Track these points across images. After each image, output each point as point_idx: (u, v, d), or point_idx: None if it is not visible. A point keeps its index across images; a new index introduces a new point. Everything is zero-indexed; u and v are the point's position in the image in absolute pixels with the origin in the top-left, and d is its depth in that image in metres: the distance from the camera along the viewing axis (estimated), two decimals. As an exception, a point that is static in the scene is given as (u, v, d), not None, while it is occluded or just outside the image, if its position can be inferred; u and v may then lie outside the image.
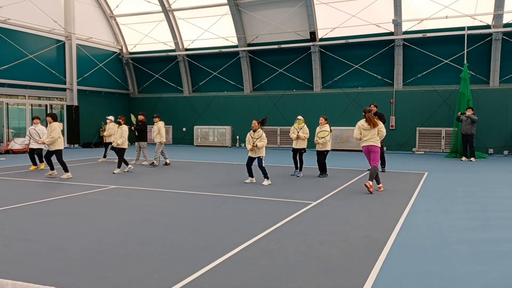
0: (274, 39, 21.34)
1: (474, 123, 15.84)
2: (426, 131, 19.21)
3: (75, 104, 21.99)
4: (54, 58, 21.46)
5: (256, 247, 5.26)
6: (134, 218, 6.83)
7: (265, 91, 22.33)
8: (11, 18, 18.97)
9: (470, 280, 4.26)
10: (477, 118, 15.97)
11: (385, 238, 5.67)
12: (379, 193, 9.12)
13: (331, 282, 4.18)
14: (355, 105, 20.17)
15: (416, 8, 18.96)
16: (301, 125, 11.79)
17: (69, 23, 21.76)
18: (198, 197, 8.67)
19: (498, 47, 17.91)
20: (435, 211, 7.44)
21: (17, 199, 8.28)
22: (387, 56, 19.81)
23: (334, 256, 4.95)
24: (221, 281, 4.18)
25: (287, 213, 7.10)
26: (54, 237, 5.74)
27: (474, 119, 15.77)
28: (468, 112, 16.13)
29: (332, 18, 20.00)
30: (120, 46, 25.01)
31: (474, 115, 15.99)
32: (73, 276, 4.30)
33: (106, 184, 10.26)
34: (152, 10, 23.15)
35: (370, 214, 7.11)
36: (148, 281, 4.17)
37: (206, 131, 23.35)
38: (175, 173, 12.50)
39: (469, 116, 15.89)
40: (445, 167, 13.98)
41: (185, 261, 4.74)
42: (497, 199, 8.50)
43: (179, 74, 24.21)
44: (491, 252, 5.15)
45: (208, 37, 22.79)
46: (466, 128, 15.98)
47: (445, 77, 18.99)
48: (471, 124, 15.90)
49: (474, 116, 15.93)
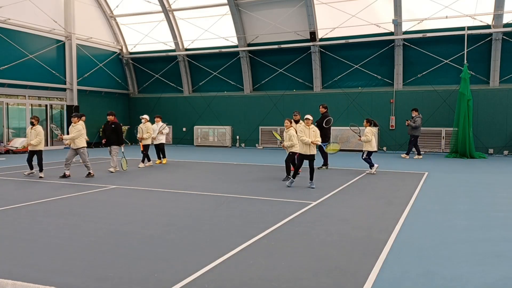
0: (274, 39, 21.34)
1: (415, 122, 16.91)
2: (426, 131, 19.18)
3: (75, 104, 21.98)
4: (54, 58, 21.46)
5: (256, 247, 5.26)
6: (134, 218, 6.83)
7: (265, 91, 22.33)
8: (11, 18, 18.96)
9: (470, 280, 4.26)
10: (416, 125, 16.88)
11: (385, 238, 5.67)
12: (379, 193, 9.12)
13: (331, 282, 4.18)
14: (355, 105, 20.18)
15: (416, 8, 18.96)
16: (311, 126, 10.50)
17: (69, 23, 21.75)
18: (198, 197, 8.67)
19: (498, 47, 17.90)
20: (435, 211, 7.44)
21: (17, 199, 8.28)
22: (387, 56, 19.81)
23: (334, 256, 4.95)
24: (221, 281, 4.18)
25: (287, 213, 7.10)
26: (54, 237, 5.74)
27: (413, 126, 16.88)
28: (412, 114, 17.24)
29: (332, 18, 20.00)
30: (120, 46, 25.01)
31: (419, 116, 16.95)
32: (73, 276, 4.30)
33: (106, 184, 10.26)
34: (152, 10, 23.14)
35: (370, 214, 7.11)
36: (148, 281, 4.17)
37: (206, 131, 23.35)
38: (175, 173, 12.50)
39: (409, 124, 17.09)
40: (445, 167, 13.98)
41: (185, 261, 4.74)
42: (497, 199, 8.50)
43: (179, 74, 24.20)
44: (491, 252, 5.15)
45: (208, 37, 22.79)
46: (409, 130, 17.13)
47: (445, 77, 18.99)
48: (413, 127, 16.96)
49: (414, 122, 16.89)
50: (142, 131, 14.21)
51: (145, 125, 14.29)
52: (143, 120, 14.45)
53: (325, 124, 12.62)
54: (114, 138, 12.60)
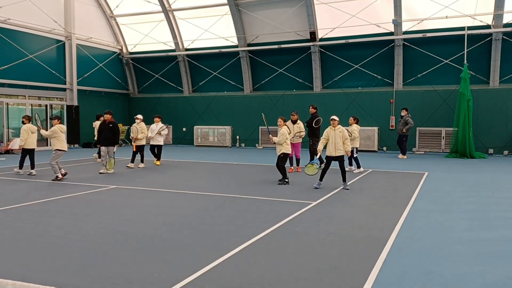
0: (274, 39, 21.34)
1: (407, 124, 16.83)
2: (426, 131, 19.20)
3: (75, 104, 21.98)
4: (54, 58, 21.45)
5: (256, 247, 5.26)
6: (134, 218, 6.83)
7: (265, 91, 22.33)
8: (11, 18, 18.96)
9: (470, 280, 4.26)
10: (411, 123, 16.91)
11: (385, 238, 5.67)
12: (379, 193, 9.12)
13: (331, 282, 4.18)
14: (355, 105, 20.17)
15: (416, 8, 18.96)
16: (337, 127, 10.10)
17: (69, 23, 21.75)
18: (198, 197, 8.67)
19: (498, 47, 17.90)
20: (435, 211, 7.44)
21: (17, 199, 8.28)
22: (387, 56, 19.81)
23: (334, 256, 4.95)
24: (221, 281, 4.18)
25: (287, 213, 7.10)
26: (54, 237, 5.74)
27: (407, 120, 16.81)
28: (402, 113, 17.19)
29: (332, 18, 19.99)
30: (120, 46, 25.01)
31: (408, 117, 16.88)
32: (73, 276, 4.30)
33: (106, 184, 10.26)
34: (152, 10, 23.14)
35: (370, 214, 7.11)
36: (148, 281, 4.17)
37: (206, 131, 23.35)
38: (175, 173, 12.50)
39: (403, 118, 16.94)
40: (445, 167, 13.98)
41: (185, 261, 4.74)
42: (497, 199, 8.50)
43: (179, 74, 24.20)
44: (491, 252, 5.15)
45: (208, 37, 22.78)
46: (399, 129, 17.07)
47: (445, 77, 18.99)
48: (403, 125, 16.87)
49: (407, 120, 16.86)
50: (137, 131, 13.87)
51: (139, 125, 13.97)
52: (137, 120, 14.18)
53: (314, 124, 12.80)
54: (111, 138, 12.19)
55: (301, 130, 12.66)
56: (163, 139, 14.74)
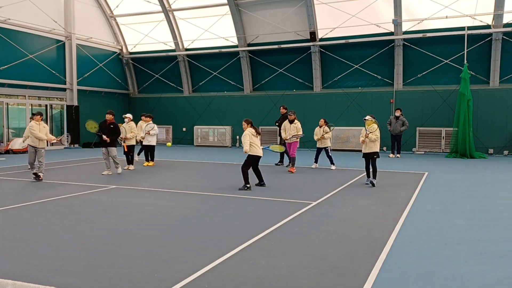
0: (274, 39, 21.33)
1: (403, 125, 17.28)
2: (426, 131, 19.20)
3: (75, 104, 21.98)
4: (54, 58, 21.45)
5: (256, 247, 5.26)
6: (134, 218, 6.83)
7: (265, 91, 22.33)
8: (11, 18, 18.95)
9: (470, 280, 4.26)
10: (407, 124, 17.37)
11: (385, 238, 5.67)
12: (379, 193, 9.12)
13: (331, 282, 4.18)
14: (355, 105, 20.17)
15: (416, 8, 18.96)
16: (370, 126, 10.26)
17: (69, 23, 21.75)
18: (198, 197, 8.67)
19: (498, 47, 17.90)
20: (435, 211, 7.44)
21: (17, 199, 8.28)
22: (387, 56, 19.80)
23: (334, 256, 4.95)
24: (221, 281, 4.18)
25: (287, 213, 7.10)
26: (54, 237, 5.74)
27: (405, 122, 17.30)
28: (397, 113, 17.51)
29: (332, 18, 19.98)
30: (120, 46, 25.01)
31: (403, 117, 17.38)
32: (73, 276, 4.30)
33: (106, 184, 10.26)
34: (152, 10, 23.14)
35: (370, 214, 7.11)
36: (148, 281, 4.17)
37: (206, 131, 23.34)
38: (175, 173, 12.50)
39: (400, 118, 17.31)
40: (445, 167, 13.98)
41: (185, 261, 4.74)
42: (497, 199, 8.51)
43: (179, 74, 24.20)
44: (491, 252, 5.15)
45: (208, 37, 22.78)
46: (395, 129, 17.31)
47: (445, 77, 18.98)
48: (400, 126, 17.25)
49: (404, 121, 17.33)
50: (126, 131, 13.50)
51: (128, 125, 13.63)
52: (127, 120, 13.82)
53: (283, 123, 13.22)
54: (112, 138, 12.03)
55: (298, 131, 12.64)
56: (155, 139, 14.37)
